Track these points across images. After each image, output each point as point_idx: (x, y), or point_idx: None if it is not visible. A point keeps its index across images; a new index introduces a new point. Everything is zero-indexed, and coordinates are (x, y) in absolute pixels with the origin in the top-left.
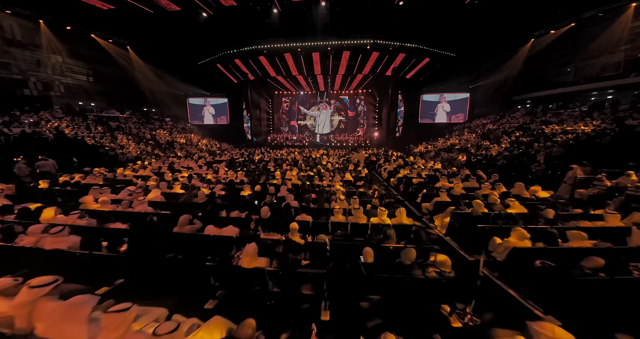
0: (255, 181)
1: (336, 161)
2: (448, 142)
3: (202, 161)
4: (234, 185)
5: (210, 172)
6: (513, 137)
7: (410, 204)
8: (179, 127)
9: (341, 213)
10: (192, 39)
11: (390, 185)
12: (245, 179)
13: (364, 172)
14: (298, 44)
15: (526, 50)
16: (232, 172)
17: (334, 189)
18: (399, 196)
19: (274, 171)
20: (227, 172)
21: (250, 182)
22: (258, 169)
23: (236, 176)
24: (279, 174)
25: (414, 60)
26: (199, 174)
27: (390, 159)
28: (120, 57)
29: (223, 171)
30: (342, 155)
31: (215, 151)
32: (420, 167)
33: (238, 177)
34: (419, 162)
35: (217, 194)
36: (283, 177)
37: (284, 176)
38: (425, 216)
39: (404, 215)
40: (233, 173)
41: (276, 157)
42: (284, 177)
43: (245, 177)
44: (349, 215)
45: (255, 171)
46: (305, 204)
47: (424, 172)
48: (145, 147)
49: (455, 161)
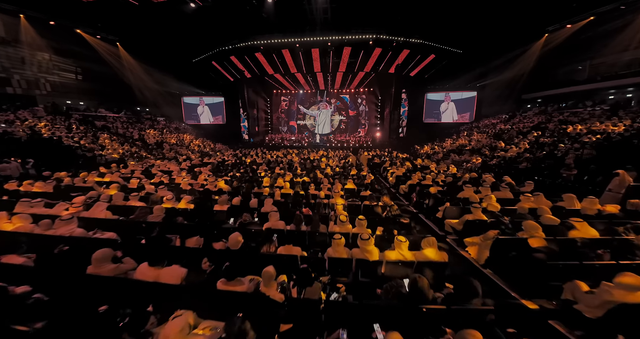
0: (238, 190)
1: (336, 164)
2: (457, 143)
3: (187, 163)
4: (208, 196)
5: (189, 177)
6: (531, 138)
7: (426, 216)
8: (172, 127)
9: (342, 244)
10: (186, 35)
11: (399, 192)
12: (225, 188)
13: (369, 178)
14: (296, 39)
15: (539, 46)
16: (213, 179)
17: (334, 201)
18: (411, 207)
19: (265, 176)
20: (208, 178)
21: (231, 192)
22: (247, 173)
23: (216, 184)
24: (268, 180)
25: (418, 56)
26: (174, 181)
27: (395, 161)
28: (109, 54)
29: (204, 176)
30: (343, 157)
31: (208, 152)
32: (434, 172)
33: (218, 185)
34: (431, 167)
35: (187, 208)
36: (273, 185)
37: (274, 182)
38: (450, 235)
39: (434, 248)
40: (214, 179)
41: (270, 160)
42: (274, 184)
43: (228, 184)
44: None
45: (243, 176)
46: (295, 225)
47: (439, 178)
48: (130, 148)
49: (468, 163)
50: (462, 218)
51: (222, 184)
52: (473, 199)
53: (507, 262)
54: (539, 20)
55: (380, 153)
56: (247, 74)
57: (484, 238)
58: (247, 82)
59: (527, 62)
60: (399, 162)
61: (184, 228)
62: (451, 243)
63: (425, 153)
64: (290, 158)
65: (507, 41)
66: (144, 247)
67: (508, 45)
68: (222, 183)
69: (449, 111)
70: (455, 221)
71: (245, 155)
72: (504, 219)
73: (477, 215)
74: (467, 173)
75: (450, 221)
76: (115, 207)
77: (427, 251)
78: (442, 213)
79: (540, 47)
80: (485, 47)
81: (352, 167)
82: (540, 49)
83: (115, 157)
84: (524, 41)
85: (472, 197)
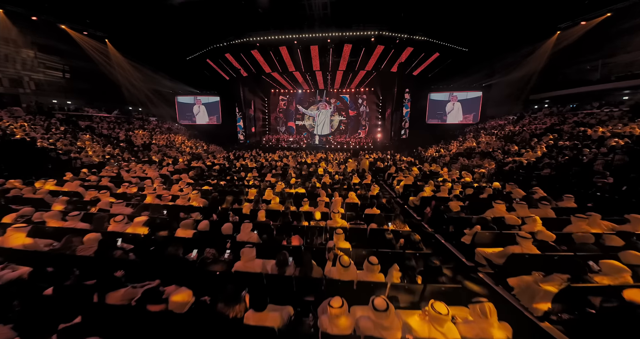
0: (216, 205)
1: (336, 170)
2: (464, 145)
3: (170, 168)
4: (174, 215)
5: (162, 187)
6: (549, 141)
7: (446, 238)
8: (164, 127)
9: (344, 312)
10: (179, 31)
11: (409, 204)
12: (200, 203)
13: (375, 189)
14: (294, 36)
15: (551, 44)
16: (190, 190)
17: (333, 223)
18: (425, 224)
19: (253, 185)
20: (184, 188)
21: (205, 209)
22: (233, 182)
23: (189, 198)
24: (255, 192)
25: (422, 55)
26: (143, 192)
27: (400, 165)
28: (97, 51)
29: (180, 186)
30: (343, 160)
31: (199, 153)
32: (447, 179)
33: (192, 199)
34: (442, 173)
35: (141, 233)
36: (259, 200)
37: (263, 194)
38: (481, 266)
39: (493, 320)
40: (191, 191)
41: (263, 164)
42: (260, 198)
43: (206, 197)
44: (359, 293)
45: (227, 186)
46: (278, 267)
47: (456, 188)
48: (112, 150)
49: (480, 169)
50: (504, 251)
51: (196, 197)
52: (511, 221)
53: (588, 321)
54: (551, 17)
55: (382, 156)
56: (244, 72)
57: (548, 283)
58: (243, 81)
59: (536, 61)
60: (403, 165)
61: (126, 265)
62: (486, 280)
63: (430, 156)
64: (286, 162)
65: (516, 39)
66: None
67: (517, 43)
68: (198, 196)
69: (455, 111)
70: (492, 252)
71: (239, 157)
72: (588, 263)
73: (526, 248)
74: (482, 180)
75: (484, 250)
76: (42, 232)
77: (492, 331)
78: (471, 238)
79: (552, 45)
80: (492, 45)
81: (354, 174)
82: (552, 47)
83: (94, 160)
84: (534, 39)
85: (511, 219)
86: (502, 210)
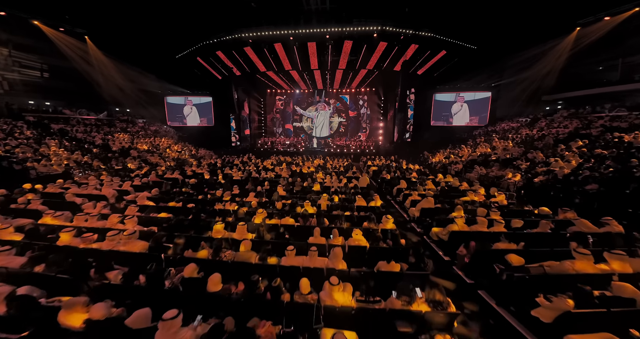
0: (158, 252)
1: (337, 185)
2: (477, 151)
3: (137, 181)
4: (84, 269)
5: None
6: (582, 148)
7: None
8: (151, 129)
9: None
10: (166, 26)
11: (431, 236)
12: (130, 247)
13: (389, 222)
14: (290, 31)
15: (570, 41)
16: (133, 223)
17: (327, 298)
18: (460, 271)
19: (236, 206)
20: (126, 220)
21: (138, 258)
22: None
23: (120, 239)
24: (221, 229)
25: (428, 52)
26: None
27: (410, 176)
28: (76, 49)
29: (118, 219)
30: (345, 167)
31: (186, 159)
32: (475, 200)
33: (123, 242)
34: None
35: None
36: (219, 247)
37: (226, 242)
38: None
39: None
40: (135, 222)
41: (250, 176)
42: (224, 244)
43: (154, 233)
44: None
45: (195, 213)
46: None
47: (493, 214)
48: (81, 157)
49: (503, 180)
50: None
51: (129, 241)
52: (625, 292)
53: None
54: (570, 12)
55: (387, 163)
56: (237, 71)
57: None
58: (237, 80)
59: (552, 59)
60: (413, 176)
61: None
62: None
63: (439, 163)
64: (279, 170)
65: (530, 36)
66: None
67: (531, 41)
68: (133, 238)
69: (462, 112)
70: None
71: (227, 164)
72: None
73: None
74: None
75: None
76: None
77: None
78: (557, 319)
79: (571, 42)
80: (504, 42)
81: (357, 188)
82: (571, 45)
83: (55, 170)
84: (550, 36)
85: (622, 289)
86: (592, 267)
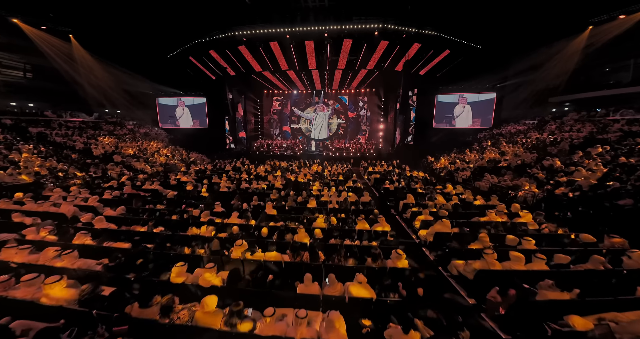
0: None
1: (336, 199)
2: (484, 156)
3: (108, 195)
4: None
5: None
6: (605, 156)
7: None
8: (141, 132)
9: None
10: (156, 24)
11: (448, 268)
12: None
13: (401, 259)
14: (286, 29)
15: (582, 40)
16: (73, 258)
17: None
18: (491, 321)
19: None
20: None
21: None
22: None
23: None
24: (182, 272)
25: (431, 52)
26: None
27: (415, 186)
28: (60, 49)
29: (53, 253)
30: (343, 178)
31: (174, 165)
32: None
33: (60, 281)
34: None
35: None
36: (166, 311)
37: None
38: None
39: None
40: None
41: (238, 188)
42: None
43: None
44: None
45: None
46: None
47: (525, 243)
48: (56, 165)
49: (518, 192)
50: None
51: (57, 290)
52: None
53: None
54: (583, 9)
55: (388, 169)
56: (231, 71)
57: None
58: (231, 80)
59: (562, 59)
60: (419, 186)
61: None
62: None
63: (444, 169)
64: (272, 179)
65: (539, 34)
66: None
67: (540, 40)
68: (61, 287)
69: (465, 114)
70: None
71: (218, 171)
72: None
73: None
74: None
75: None
76: None
77: None
78: None
79: (583, 42)
80: (511, 41)
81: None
82: (584, 44)
83: (25, 180)
84: (560, 35)
85: None
86: None
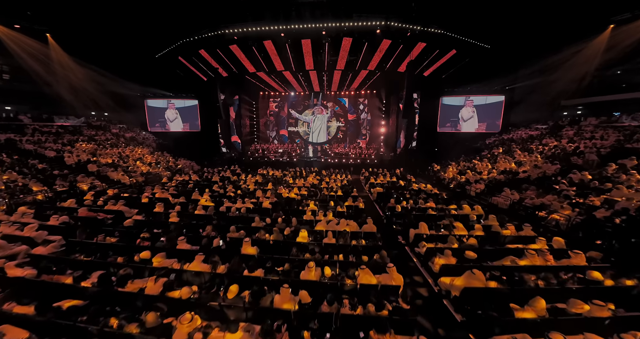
0: None
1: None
2: (497, 166)
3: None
4: None
5: None
6: (636, 167)
7: None
8: (127, 136)
9: None
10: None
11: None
12: None
13: None
14: (281, 27)
15: (604, 40)
16: None
17: None
18: None
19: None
20: None
21: None
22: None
23: None
24: None
25: (436, 51)
26: None
27: (425, 204)
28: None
29: None
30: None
31: (158, 173)
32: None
33: None
34: (528, 255)
35: None
36: None
37: None
38: None
39: None
40: None
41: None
42: None
43: None
44: None
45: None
46: None
47: (597, 310)
48: (16, 177)
49: (549, 215)
50: None
51: None
52: None
53: None
54: (603, 7)
55: (392, 180)
56: (223, 72)
57: None
58: (223, 82)
59: (578, 61)
60: (430, 205)
61: None
62: None
63: (453, 180)
64: (260, 196)
65: (554, 34)
66: None
67: (554, 39)
68: None
69: (473, 118)
70: None
71: (204, 182)
72: None
73: None
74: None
75: None
76: None
77: None
78: None
79: (604, 42)
80: (523, 41)
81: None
82: (605, 44)
83: None
84: (577, 34)
85: None
86: None
